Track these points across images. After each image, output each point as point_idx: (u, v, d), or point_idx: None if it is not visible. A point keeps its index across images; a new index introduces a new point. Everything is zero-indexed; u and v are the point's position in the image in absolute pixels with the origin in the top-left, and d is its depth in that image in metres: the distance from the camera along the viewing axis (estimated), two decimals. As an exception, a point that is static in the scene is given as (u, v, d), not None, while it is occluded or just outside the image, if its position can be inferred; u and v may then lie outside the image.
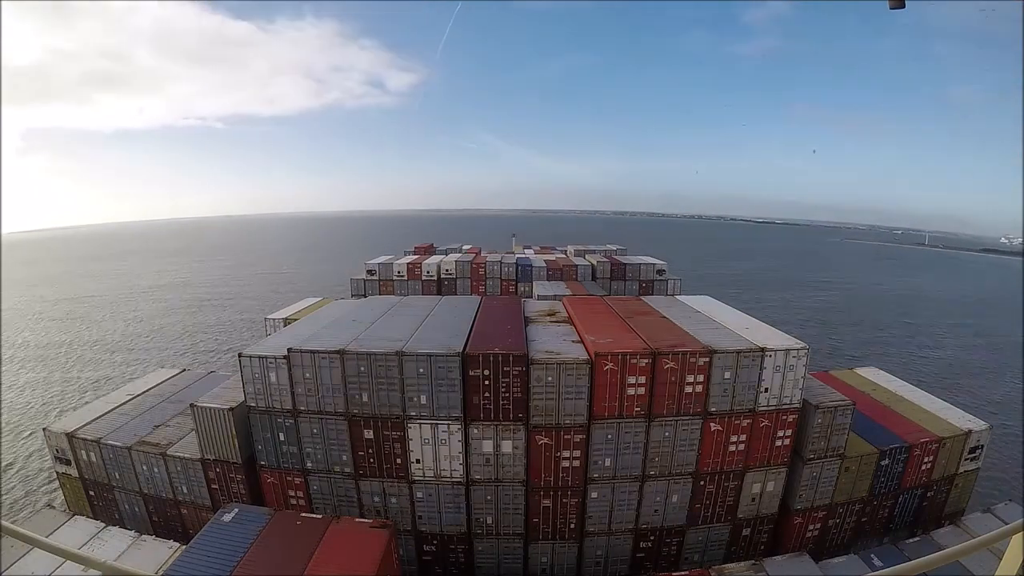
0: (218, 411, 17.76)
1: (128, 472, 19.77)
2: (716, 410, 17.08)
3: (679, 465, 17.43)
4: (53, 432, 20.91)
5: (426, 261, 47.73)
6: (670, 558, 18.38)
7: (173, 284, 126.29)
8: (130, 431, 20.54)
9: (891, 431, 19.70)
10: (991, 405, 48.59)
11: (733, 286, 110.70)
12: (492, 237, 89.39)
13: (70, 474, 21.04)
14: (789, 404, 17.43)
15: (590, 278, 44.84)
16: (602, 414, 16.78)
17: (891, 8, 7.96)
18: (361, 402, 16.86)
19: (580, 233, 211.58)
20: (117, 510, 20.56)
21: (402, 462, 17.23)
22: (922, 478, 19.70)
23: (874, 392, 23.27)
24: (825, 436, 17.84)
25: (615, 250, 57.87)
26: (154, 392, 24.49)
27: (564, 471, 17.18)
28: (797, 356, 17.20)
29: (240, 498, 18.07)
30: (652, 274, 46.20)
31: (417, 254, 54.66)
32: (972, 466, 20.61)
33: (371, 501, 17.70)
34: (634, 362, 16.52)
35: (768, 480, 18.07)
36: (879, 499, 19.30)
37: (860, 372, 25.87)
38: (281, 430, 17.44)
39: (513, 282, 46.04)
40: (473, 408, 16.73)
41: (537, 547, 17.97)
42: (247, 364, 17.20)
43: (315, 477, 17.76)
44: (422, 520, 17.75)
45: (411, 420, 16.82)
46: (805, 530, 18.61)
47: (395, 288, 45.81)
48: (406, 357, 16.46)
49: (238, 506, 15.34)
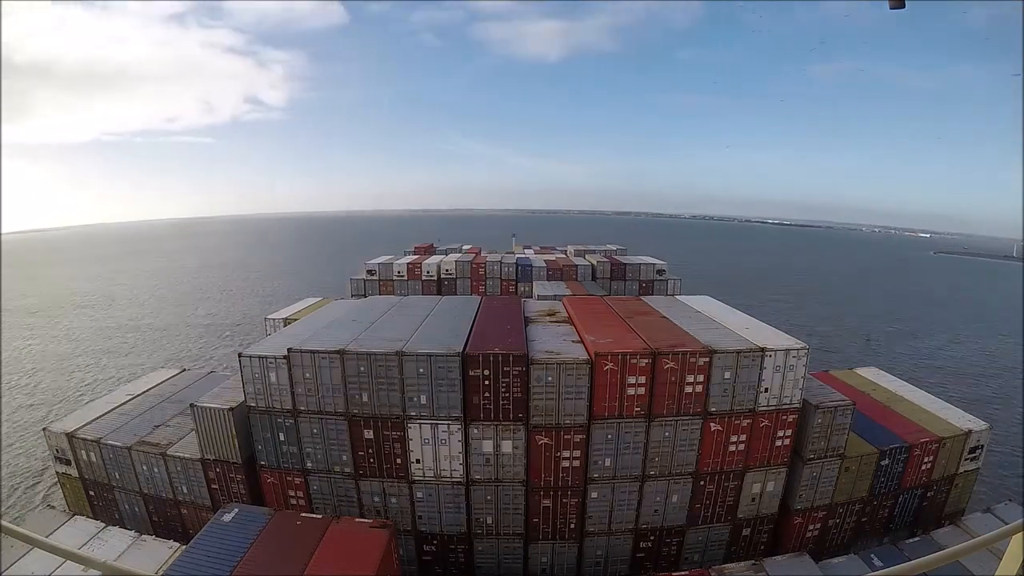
0: (218, 411, 17.75)
1: (128, 472, 19.77)
2: (716, 410, 17.07)
3: (679, 465, 17.42)
4: (53, 432, 20.90)
5: (426, 261, 47.77)
6: (670, 558, 18.37)
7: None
8: (130, 431, 20.54)
9: (891, 431, 19.69)
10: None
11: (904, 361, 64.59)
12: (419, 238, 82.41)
13: (70, 474, 21.04)
14: (789, 404, 17.42)
15: (590, 278, 44.87)
16: (602, 414, 16.77)
17: (891, 8, 7.96)
18: (361, 402, 16.86)
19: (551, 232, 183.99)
20: (117, 510, 20.55)
21: (402, 462, 17.22)
22: (922, 478, 19.69)
23: (874, 392, 23.26)
24: (825, 436, 17.84)
25: (615, 250, 57.91)
26: (154, 392, 24.49)
27: (564, 471, 17.18)
28: (797, 356, 17.20)
29: (240, 498, 18.06)
30: (652, 274, 46.24)
31: (417, 254, 54.68)
32: (972, 466, 20.61)
33: (371, 501, 17.70)
34: (634, 362, 16.52)
35: (768, 480, 18.07)
36: (879, 499, 19.29)
37: (860, 372, 25.86)
38: (281, 430, 17.44)
39: (513, 282, 46.08)
40: (473, 408, 16.72)
41: (537, 547, 17.96)
42: (247, 364, 17.19)
43: (315, 477, 17.75)
44: (422, 520, 17.74)
45: (411, 420, 16.82)
46: (805, 530, 18.61)
47: (395, 288, 45.83)
48: (406, 357, 16.46)
49: (238, 506, 15.34)
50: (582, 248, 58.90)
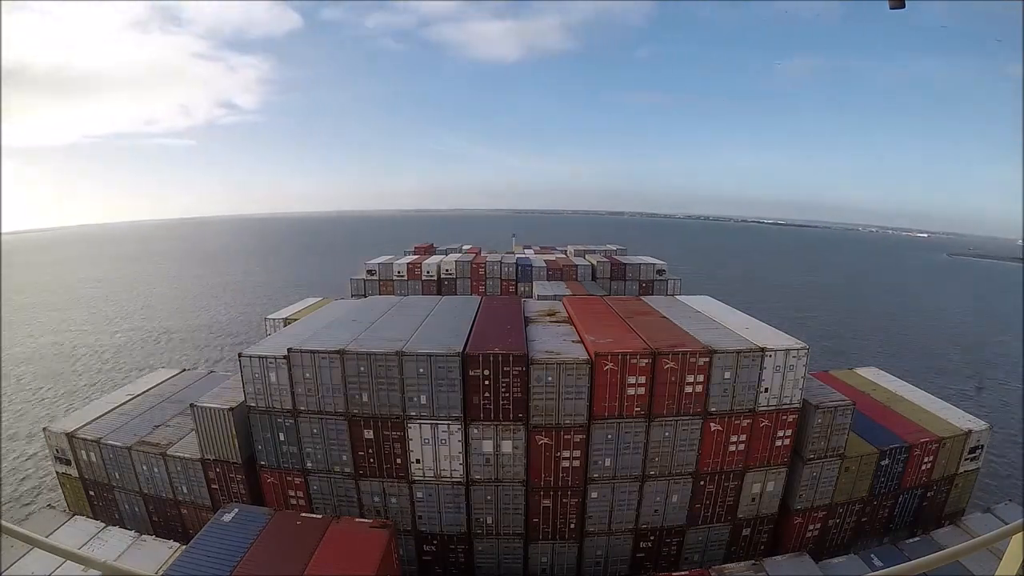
0: (218, 411, 17.75)
1: (128, 472, 19.76)
2: (716, 410, 17.07)
3: (679, 465, 17.42)
4: (53, 432, 20.89)
5: (426, 261, 47.76)
6: (670, 558, 18.37)
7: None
8: (130, 431, 20.53)
9: (891, 431, 19.69)
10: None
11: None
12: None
13: (70, 474, 21.03)
14: (789, 404, 17.42)
15: (590, 278, 44.87)
16: (602, 414, 16.77)
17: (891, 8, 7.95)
18: (361, 402, 16.85)
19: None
20: (117, 510, 20.55)
21: (402, 462, 17.22)
22: (922, 478, 19.68)
23: (874, 392, 23.26)
24: (825, 436, 17.83)
25: (615, 250, 57.91)
26: (154, 392, 24.47)
27: (564, 471, 17.17)
28: (797, 356, 17.19)
29: (240, 498, 18.05)
30: (652, 274, 46.22)
31: (417, 254, 54.68)
32: (972, 466, 20.60)
33: (371, 501, 17.69)
34: (634, 362, 16.51)
35: (768, 480, 18.07)
36: (879, 499, 19.29)
37: (860, 372, 25.86)
38: (281, 430, 17.43)
39: (513, 282, 46.07)
40: (473, 408, 16.72)
41: (537, 547, 17.96)
42: (247, 364, 17.19)
43: (315, 477, 17.75)
44: (422, 520, 17.74)
45: (411, 420, 16.81)
46: (805, 530, 18.61)
47: (395, 288, 45.82)
48: (406, 357, 16.45)
49: (238, 506, 15.33)
50: (582, 248, 58.92)
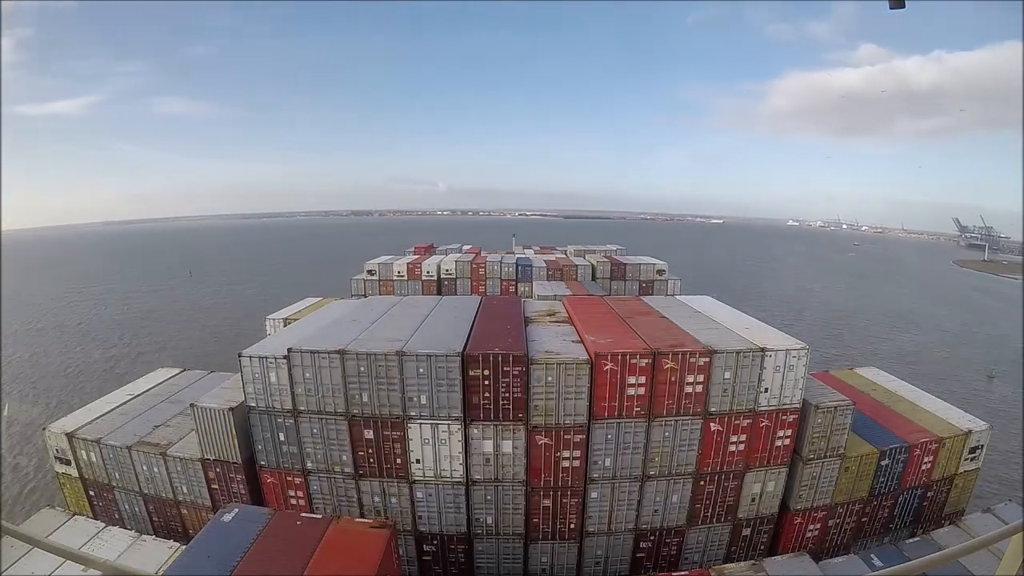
0: (218, 411, 17.74)
1: (128, 472, 19.75)
2: (716, 410, 17.07)
3: (679, 465, 17.42)
4: (53, 432, 20.89)
5: (426, 261, 47.76)
6: (670, 558, 18.37)
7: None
8: (130, 431, 20.50)
9: (891, 431, 19.67)
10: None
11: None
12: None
13: (70, 474, 21.02)
14: (789, 404, 17.42)
15: (590, 278, 44.86)
16: (602, 414, 16.78)
17: (891, 8, 7.96)
18: (361, 402, 16.86)
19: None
20: (117, 510, 20.54)
21: (402, 462, 17.22)
22: (922, 478, 19.68)
23: (874, 392, 23.24)
24: (825, 436, 17.82)
25: (615, 250, 57.94)
26: (154, 392, 24.45)
27: (564, 471, 17.18)
28: (797, 356, 17.19)
29: (240, 498, 18.05)
30: (652, 274, 46.18)
31: (417, 254, 54.70)
32: (972, 466, 20.59)
33: (371, 501, 17.70)
34: (634, 362, 16.52)
35: (768, 480, 18.07)
36: (879, 499, 19.29)
37: (860, 372, 25.85)
38: (281, 430, 17.43)
39: (513, 282, 46.02)
40: (473, 408, 16.72)
41: (537, 547, 17.96)
42: (247, 364, 17.18)
43: (315, 477, 17.75)
44: (422, 520, 17.74)
45: (411, 420, 16.81)
46: (805, 530, 18.61)
47: (395, 288, 45.81)
48: (406, 357, 16.45)
49: (238, 506, 15.30)
50: (582, 248, 58.95)
